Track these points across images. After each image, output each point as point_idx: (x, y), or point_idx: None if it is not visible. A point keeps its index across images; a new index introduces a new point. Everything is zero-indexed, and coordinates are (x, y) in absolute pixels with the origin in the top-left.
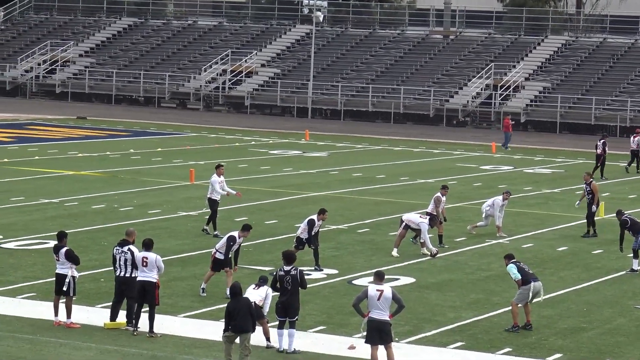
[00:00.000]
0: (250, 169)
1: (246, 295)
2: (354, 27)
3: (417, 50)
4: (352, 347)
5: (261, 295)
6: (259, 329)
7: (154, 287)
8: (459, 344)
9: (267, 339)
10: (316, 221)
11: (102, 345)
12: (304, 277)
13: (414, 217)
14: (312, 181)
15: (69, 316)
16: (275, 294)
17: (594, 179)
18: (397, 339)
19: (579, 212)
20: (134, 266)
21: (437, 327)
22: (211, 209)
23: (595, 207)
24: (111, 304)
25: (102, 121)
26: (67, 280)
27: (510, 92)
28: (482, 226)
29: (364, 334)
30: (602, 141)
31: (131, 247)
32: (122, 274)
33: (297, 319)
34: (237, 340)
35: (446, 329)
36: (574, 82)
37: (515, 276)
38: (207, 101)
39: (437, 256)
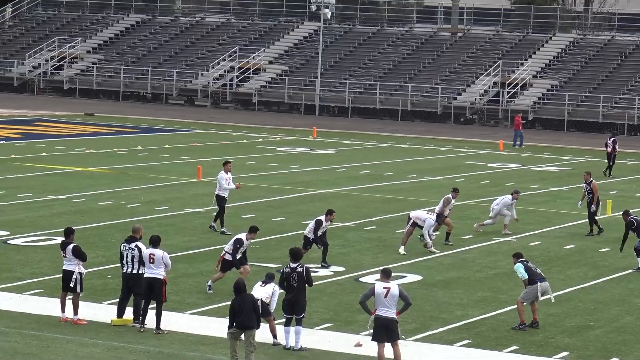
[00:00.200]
0: (257, 166)
1: (253, 292)
2: (362, 24)
3: (425, 47)
4: (358, 345)
5: (268, 292)
6: (266, 326)
7: (161, 284)
8: (466, 342)
9: (274, 336)
10: (324, 222)
11: (109, 341)
12: (310, 274)
13: (421, 214)
14: (320, 178)
15: (75, 312)
16: (282, 291)
17: (593, 178)
18: (404, 337)
19: (585, 210)
20: (141, 263)
21: (444, 324)
22: (219, 206)
23: (594, 207)
24: (118, 300)
25: (110, 118)
26: (74, 276)
27: (518, 89)
28: (489, 224)
29: (371, 331)
30: (612, 139)
31: (138, 243)
32: (129, 270)
33: (303, 316)
34: (242, 336)
35: (453, 327)
36: (581, 80)
37: (522, 275)
38: (214, 98)
39: (443, 253)
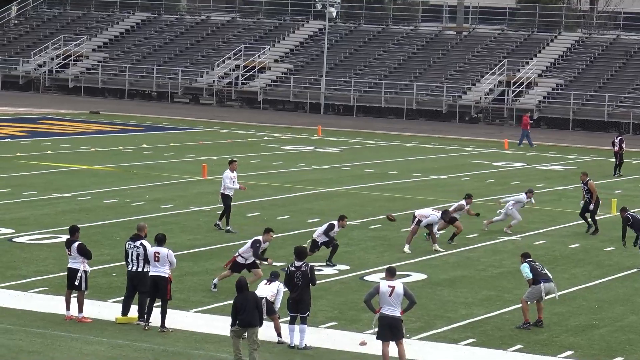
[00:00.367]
0: (262, 165)
1: (258, 290)
2: (367, 23)
3: (430, 46)
4: (363, 343)
5: (272, 290)
6: (270, 324)
7: (166, 282)
8: (471, 341)
9: (279, 334)
10: (336, 227)
11: (114, 339)
12: (314, 273)
13: (426, 212)
14: (325, 177)
15: (80, 310)
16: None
17: (590, 178)
18: (408, 335)
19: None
20: (146, 261)
21: (448, 323)
22: (224, 204)
23: (592, 206)
24: (123, 298)
25: (115, 116)
26: (79, 274)
27: (523, 88)
28: (498, 220)
29: (376, 330)
30: (619, 138)
31: (143, 241)
32: (134, 268)
33: (308, 315)
34: (245, 334)
35: (457, 326)
36: (587, 79)
37: (526, 275)
38: (220, 96)
39: (448, 252)
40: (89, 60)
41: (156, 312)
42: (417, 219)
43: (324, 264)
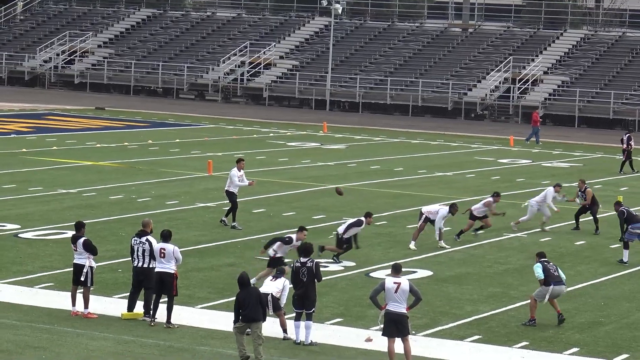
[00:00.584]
0: (268, 161)
1: (263, 286)
2: (373, 19)
3: (436, 43)
4: (369, 340)
5: (278, 287)
6: (276, 320)
7: (172, 278)
8: (476, 337)
9: (284, 330)
10: (364, 224)
11: (119, 335)
12: (319, 269)
13: (433, 208)
14: (330, 173)
15: (86, 306)
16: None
17: (588, 186)
18: (414, 332)
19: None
20: (152, 257)
21: (454, 320)
22: (230, 201)
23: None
24: (128, 294)
25: (121, 112)
26: (84, 270)
27: (528, 85)
28: (525, 220)
29: (381, 326)
30: (627, 135)
31: (149, 237)
32: (140, 264)
33: (313, 311)
34: (249, 330)
35: (463, 322)
36: (592, 76)
37: (538, 275)
38: (225, 93)
39: (453, 249)
40: (95, 56)
41: (162, 308)
42: (424, 216)
43: (330, 260)
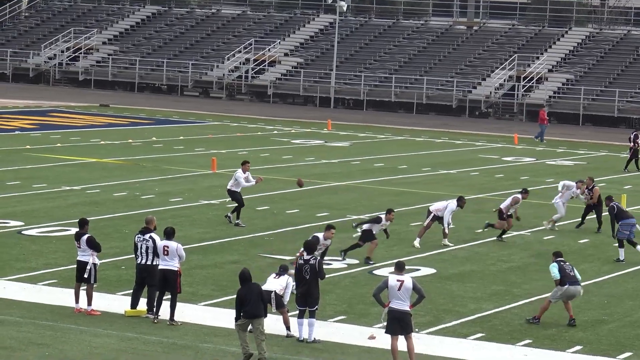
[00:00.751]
0: (272, 158)
1: (267, 284)
2: (378, 17)
3: (441, 40)
4: (372, 337)
5: (282, 284)
6: (279, 317)
7: (176, 275)
8: (479, 335)
9: (287, 328)
10: (383, 220)
11: (123, 332)
12: (322, 266)
13: (441, 204)
14: (334, 171)
15: (89, 303)
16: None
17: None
18: (417, 330)
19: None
20: (156, 254)
21: (457, 318)
22: (235, 199)
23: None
24: (132, 291)
25: (125, 109)
26: (88, 267)
27: (533, 83)
28: (559, 218)
29: (384, 324)
30: (634, 134)
31: (153, 234)
32: (144, 261)
33: (316, 309)
34: (250, 326)
35: (466, 320)
36: (597, 74)
37: (554, 275)
38: (230, 90)
39: (457, 247)
40: (99, 53)
41: (165, 305)
42: (432, 215)
43: (337, 258)
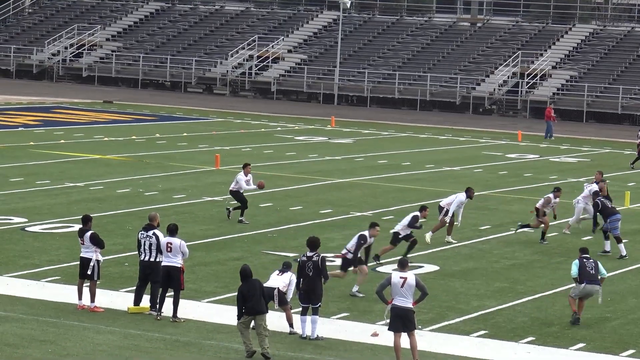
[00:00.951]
0: (275, 155)
1: (270, 281)
2: (381, 13)
3: (444, 37)
4: (375, 334)
5: (285, 281)
6: (282, 315)
7: (179, 272)
8: (482, 332)
9: (291, 325)
10: (420, 218)
11: (126, 329)
12: (325, 264)
13: (451, 198)
14: (338, 168)
15: (92, 300)
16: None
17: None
18: (420, 327)
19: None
20: (159, 251)
21: (460, 315)
22: (238, 200)
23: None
24: (135, 288)
25: (128, 105)
26: (91, 264)
27: (537, 80)
28: (575, 220)
29: (387, 321)
30: None
31: (156, 231)
32: (147, 258)
33: (320, 306)
34: (253, 323)
35: (470, 317)
36: (601, 71)
37: (572, 274)
38: (233, 86)
39: (460, 244)
40: (103, 49)
41: (168, 302)
42: (445, 209)
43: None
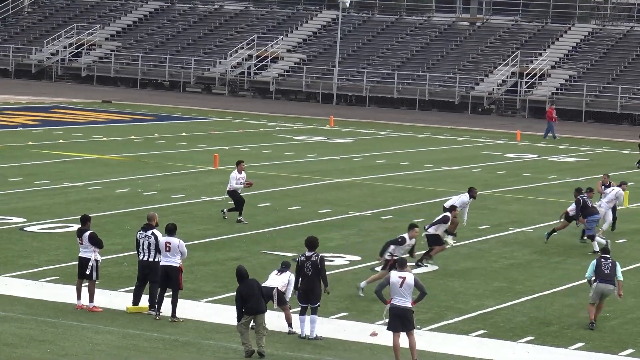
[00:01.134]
0: (274, 155)
1: (269, 281)
2: (381, 13)
3: (444, 37)
4: (374, 334)
5: (284, 281)
6: (281, 314)
7: (177, 272)
8: (481, 332)
9: (289, 324)
10: (450, 217)
11: (124, 329)
12: (324, 264)
13: (453, 199)
14: (336, 167)
15: (91, 300)
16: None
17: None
18: (419, 326)
19: None
20: (158, 250)
21: (459, 314)
22: (234, 199)
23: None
24: (134, 288)
25: (127, 105)
26: (90, 263)
27: (536, 80)
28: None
29: (386, 320)
30: None
31: (155, 231)
32: (146, 258)
33: (318, 305)
34: (252, 323)
35: (468, 317)
36: (600, 71)
37: (587, 275)
38: (232, 86)
39: (459, 243)
40: (102, 49)
41: (167, 302)
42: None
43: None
